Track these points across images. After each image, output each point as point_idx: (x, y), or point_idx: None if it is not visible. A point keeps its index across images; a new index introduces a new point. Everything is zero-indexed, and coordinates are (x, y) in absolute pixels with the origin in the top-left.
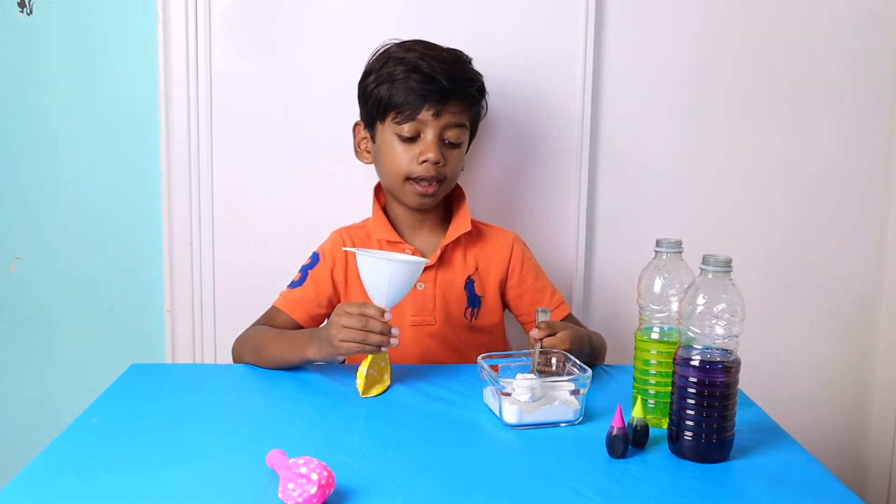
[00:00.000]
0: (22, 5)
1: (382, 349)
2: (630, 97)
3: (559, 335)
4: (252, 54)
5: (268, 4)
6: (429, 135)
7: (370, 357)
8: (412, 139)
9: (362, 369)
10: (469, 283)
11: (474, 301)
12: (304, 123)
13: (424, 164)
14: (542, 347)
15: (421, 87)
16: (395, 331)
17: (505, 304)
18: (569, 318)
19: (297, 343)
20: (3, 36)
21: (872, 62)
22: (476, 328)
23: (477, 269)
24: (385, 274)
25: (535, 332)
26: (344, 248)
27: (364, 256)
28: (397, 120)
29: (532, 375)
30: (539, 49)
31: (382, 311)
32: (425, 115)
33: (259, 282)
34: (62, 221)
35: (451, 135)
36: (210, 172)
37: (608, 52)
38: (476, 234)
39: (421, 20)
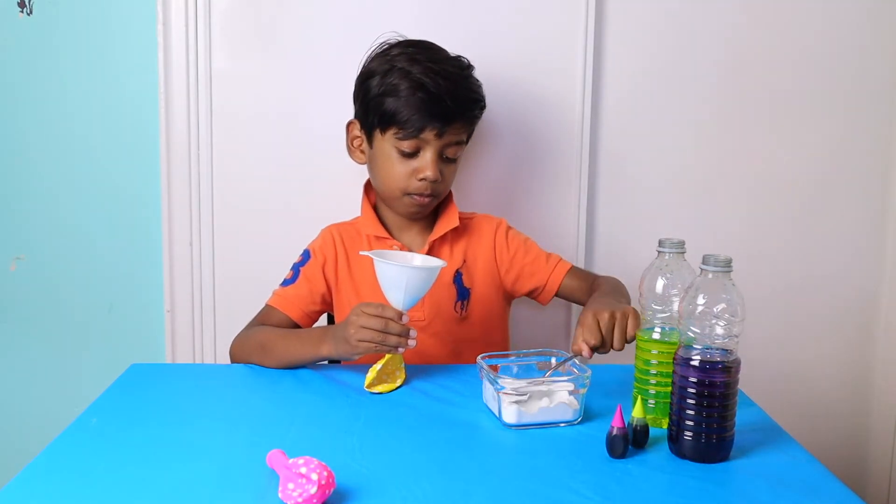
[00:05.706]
0: (22, 5)
1: (399, 350)
2: (630, 98)
3: (588, 327)
4: (252, 54)
5: (268, 4)
6: (428, 153)
7: (387, 356)
8: (411, 154)
9: (376, 365)
10: (457, 277)
11: (463, 294)
12: (304, 123)
13: (422, 181)
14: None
15: (426, 106)
16: (412, 332)
17: (511, 292)
18: (571, 273)
19: (310, 341)
20: (3, 36)
21: (872, 63)
22: (467, 320)
23: (465, 262)
24: (402, 280)
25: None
26: (361, 253)
27: (382, 263)
28: (399, 135)
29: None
30: (540, 49)
31: (401, 314)
32: (428, 134)
33: (259, 281)
34: (62, 221)
35: (450, 151)
36: (210, 172)
37: (608, 53)
38: (462, 227)
39: (421, 20)
